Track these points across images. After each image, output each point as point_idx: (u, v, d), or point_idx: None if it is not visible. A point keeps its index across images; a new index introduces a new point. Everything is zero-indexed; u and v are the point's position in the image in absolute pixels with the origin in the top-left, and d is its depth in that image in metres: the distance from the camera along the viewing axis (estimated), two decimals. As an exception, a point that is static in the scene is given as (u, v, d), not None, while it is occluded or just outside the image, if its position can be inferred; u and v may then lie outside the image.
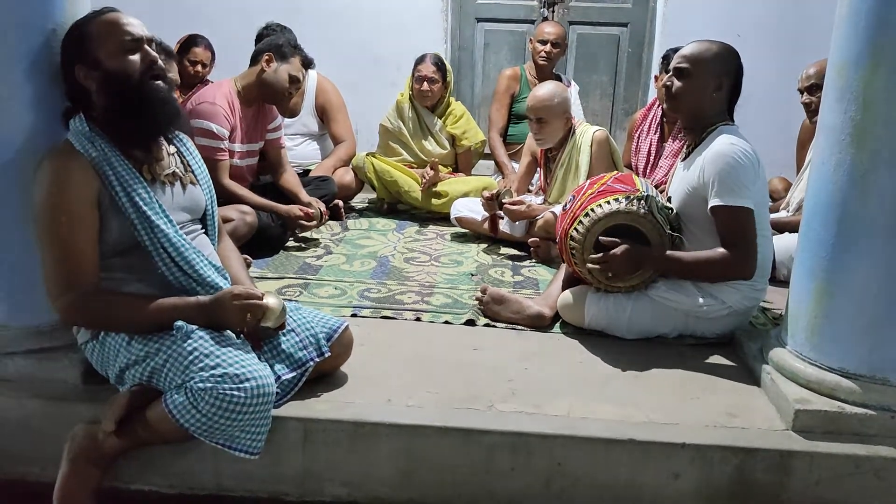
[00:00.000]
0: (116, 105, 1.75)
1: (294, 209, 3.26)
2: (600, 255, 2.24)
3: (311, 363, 1.88)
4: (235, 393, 1.61)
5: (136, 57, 1.76)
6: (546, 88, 3.31)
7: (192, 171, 1.94)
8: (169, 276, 1.79)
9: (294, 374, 1.85)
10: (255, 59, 3.25)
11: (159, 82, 1.80)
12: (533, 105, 3.26)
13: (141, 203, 1.74)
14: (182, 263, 1.78)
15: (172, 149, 1.92)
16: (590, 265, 2.27)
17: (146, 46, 1.79)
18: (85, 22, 1.77)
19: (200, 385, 1.61)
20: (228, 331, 1.78)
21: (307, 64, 3.31)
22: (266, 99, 3.29)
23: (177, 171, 1.89)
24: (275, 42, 3.25)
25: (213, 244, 2.00)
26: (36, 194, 1.73)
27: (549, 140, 3.32)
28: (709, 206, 2.18)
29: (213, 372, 1.63)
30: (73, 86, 1.78)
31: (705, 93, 2.25)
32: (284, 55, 3.21)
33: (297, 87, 3.29)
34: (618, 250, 2.22)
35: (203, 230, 1.97)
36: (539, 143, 3.38)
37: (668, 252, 2.25)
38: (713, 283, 2.27)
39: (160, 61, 1.81)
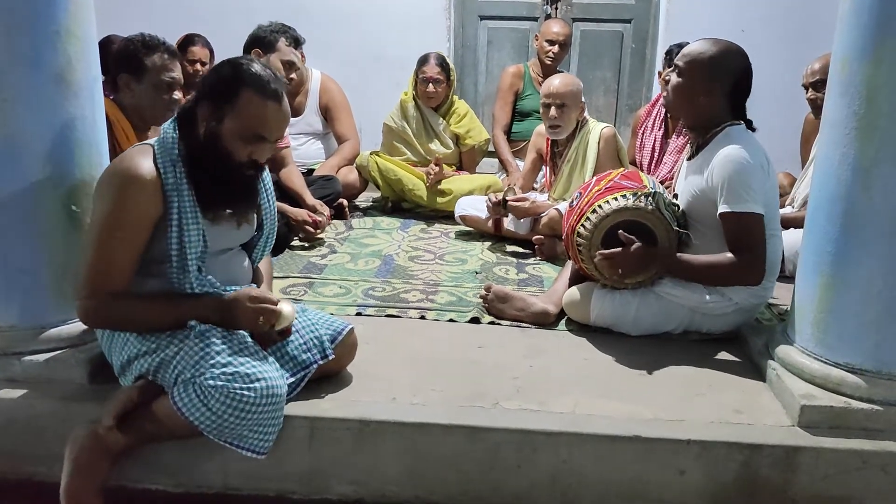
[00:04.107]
0: (204, 168, 1.75)
1: (303, 214, 3.27)
2: (612, 250, 2.23)
3: (315, 365, 1.89)
4: (246, 392, 1.63)
5: (249, 149, 1.76)
6: (565, 75, 3.37)
7: (258, 207, 1.95)
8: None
9: (296, 377, 1.86)
10: None
11: (252, 173, 1.80)
12: (555, 91, 3.23)
13: (187, 246, 1.75)
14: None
15: None
16: (597, 259, 2.26)
17: (265, 146, 1.78)
18: (244, 80, 1.73)
19: (211, 382, 1.62)
20: (241, 332, 1.78)
21: (295, 43, 3.29)
22: None
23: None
24: (257, 35, 3.25)
25: (254, 265, 2.03)
26: (102, 199, 1.73)
27: (565, 128, 3.30)
28: (717, 212, 2.17)
29: (223, 370, 1.64)
30: (192, 109, 1.77)
31: (693, 95, 2.23)
32: (270, 45, 3.22)
33: (294, 70, 3.27)
34: (632, 247, 2.20)
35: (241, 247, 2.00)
36: (555, 132, 3.32)
37: (678, 255, 2.24)
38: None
39: (265, 157, 1.81)
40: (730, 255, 2.17)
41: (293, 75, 3.28)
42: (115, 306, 1.74)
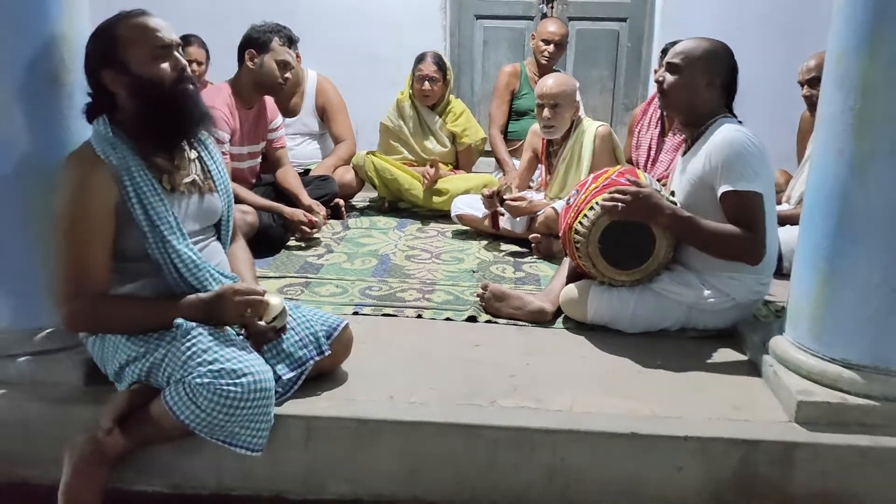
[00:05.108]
0: (146, 111, 1.75)
1: (299, 214, 3.25)
2: (617, 190, 2.19)
3: (311, 362, 1.88)
4: (232, 388, 1.62)
5: (166, 64, 1.75)
6: (559, 75, 3.36)
7: (212, 178, 1.94)
8: (175, 287, 1.79)
9: (294, 373, 1.85)
10: (241, 59, 3.24)
11: (188, 86, 1.80)
12: (548, 91, 3.23)
13: (155, 217, 1.74)
14: (190, 278, 1.79)
15: (194, 154, 1.91)
16: (603, 199, 2.22)
17: (175, 52, 1.78)
18: (113, 25, 1.75)
19: (198, 380, 1.61)
20: (228, 328, 1.78)
21: (290, 42, 3.28)
22: (264, 93, 3.28)
23: (196, 178, 1.88)
24: (251, 35, 3.22)
25: (225, 249, 2.01)
26: (57, 199, 1.73)
27: (559, 128, 3.30)
28: (718, 194, 2.17)
29: (210, 367, 1.63)
30: (98, 89, 1.77)
31: (696, 88, 2.25)
32: (264, 45, 3.19)
33: (290, 70, 3.25)
34: (634, 190, 2.17)
35: (216, 236, 1.98)
36: (549, 132, 3.32)
37: (687, 214, 2.20)
38: (715, 274, 2.26)
39: (188, 66, 1.80)
40: (735, 227, 2.16)
41: (288, 75, 3.26)
42: (100, 308, 1.73)
